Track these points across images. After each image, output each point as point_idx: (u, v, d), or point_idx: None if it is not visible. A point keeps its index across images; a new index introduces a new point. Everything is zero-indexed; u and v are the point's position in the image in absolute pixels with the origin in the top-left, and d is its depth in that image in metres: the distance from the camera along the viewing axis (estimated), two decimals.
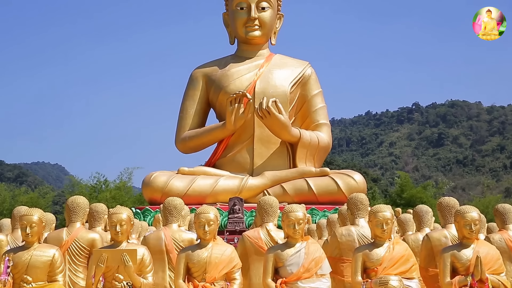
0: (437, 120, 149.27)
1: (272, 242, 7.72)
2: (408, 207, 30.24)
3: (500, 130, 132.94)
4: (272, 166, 18.58)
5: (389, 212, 7.07)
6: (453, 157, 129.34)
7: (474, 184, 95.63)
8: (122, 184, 38.85)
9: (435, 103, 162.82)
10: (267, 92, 18.54)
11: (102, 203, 10.35)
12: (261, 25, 19.25)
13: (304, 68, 19.78)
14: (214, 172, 18.53)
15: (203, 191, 17.62)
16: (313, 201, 17.47)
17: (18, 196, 40.14)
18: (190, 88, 19.84)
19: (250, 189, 17.91)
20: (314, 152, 18.93)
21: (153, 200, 17.74)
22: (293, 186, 17.93)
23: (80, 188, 37.98)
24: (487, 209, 34.04)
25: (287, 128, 18.09)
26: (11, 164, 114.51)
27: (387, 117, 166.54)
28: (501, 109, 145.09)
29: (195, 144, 19.49)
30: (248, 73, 19.19)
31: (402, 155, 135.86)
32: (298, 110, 19.68)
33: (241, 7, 19.22)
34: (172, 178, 17.78)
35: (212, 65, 19.94)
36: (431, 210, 9.46)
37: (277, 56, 20.18)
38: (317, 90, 19.76)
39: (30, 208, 7.35)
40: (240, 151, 18.96)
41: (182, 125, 19.64)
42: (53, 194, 47.82)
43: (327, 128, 19.70)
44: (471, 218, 6.95)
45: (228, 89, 18.70)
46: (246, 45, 19.83)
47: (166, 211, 8.27)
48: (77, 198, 8.52)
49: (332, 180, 17.83)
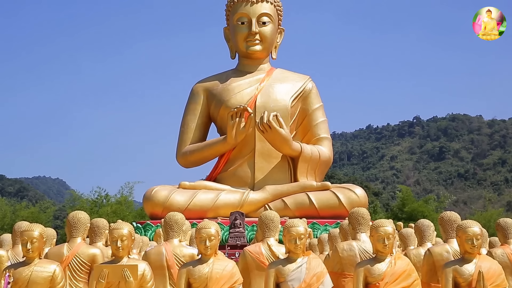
0: (438, 134, 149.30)
1: (273, 257, 7.69)
2: (409, 221, 30.17)
3: (501, 143, 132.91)
4: (273, 180, 18.56)
5: (390, 227, 7.04)
6: (455, 170, 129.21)
7: (475, 198, 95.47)
8: (123, 199, 38.82)
9: (436, 117, 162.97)
10: (268, 106, 18.57)
11: (103, 217, 10.35)
12: (262, 39, 19.33)
13: (305, 82, 19.83)
14: (215, 187, 18.51)
15: (204, 206, 17.59)
16: (315, 215, 17.44)
17: (19, 211, 40.07)
18: (191, 103, 19.88)
19: (251, 204, 17.88)
20: (315, 166, 18.92)
21: (154, 215, 17.70)
22: (294, 200, 17.89)
23: (81, 203, 37.95)
24: (489, 223, 33.96)
25: (288, 142, 18.10)
26: (12, 179, 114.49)
27: (388, 130, 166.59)
28: (502, 122, 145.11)
29: (196, 159, 19.48)
30: (249, 87, 19.23)
31: (403, 169, 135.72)
32: (299, 124, 19.70)
33: (242, 21, 19.32)
34: (173, 193, 17.75)
35: (213, 79, 19.99)
36: (432, 225, 9.44)
37: (278, 70, 20.23)
38: (318, 104, 19.79)
39: (31, 223, 7.34)
40: (241, 165, 18.95)
41: (183, 139, 19.65)
42: (54, 209, 47.78)
43: (328, 142, 19.70)
44: (473, 233, 6.93)
45: (229, 104, 18.73)
46: (247, 60, 19.89)
47: (167, 226, 8.25)
48: (78, 213, 8.50)
49: (333, 194, 17.80)
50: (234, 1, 19.65)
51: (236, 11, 19.43)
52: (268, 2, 19.47)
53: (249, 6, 19.30)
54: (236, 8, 19.52)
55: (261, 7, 19.32)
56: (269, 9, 19.43)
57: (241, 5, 19.42)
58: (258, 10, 19.25)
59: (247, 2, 19.35)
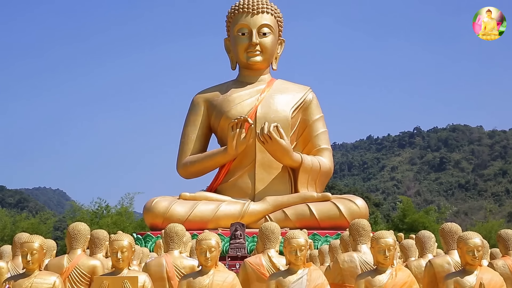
0: (439, 145, 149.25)
1: (274, 269, 7.66)
2: (410, 232, 30.08)
3: (502, 154, 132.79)
4: (273, 191, 18.55)
5: (391, 239, 7.03)
6: (455, 181, 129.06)
7: (476, 209, 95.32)
8: (123, 210, 38.78)
9: (436, 128, 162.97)
10: (268, 117, 18.60)
11: (104, 228, 10.34)
12: (262, 50, 19.38)
13: (306, 93, 19.86)
14: (215, 198, 18.50)
15: (205, 217, 17.58)
16: (315, 226, 17.42)
17: (19, 222, 40.00)
18: (191, 113, 19.91)
19: (252, 215, 17.86)
20: (316, 177, 18.91)
21: (154, 226, 17.68)
22: (294, 211, 17.88)
23: (82, 214, 37.93)
24: (490, 234, 33.88)
25: (288, 153, 18.10)
26: (12, 190, 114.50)
27: (388, 141, 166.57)
28: (503, 133, 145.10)
29: (197, 169, 19.48)
30: (250, 98, 19.26)
31: (404, 180, 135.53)
32: (300, 135, 19.71)
33: (242, 32, 19.39)
34: (174, 204, 17.74)
35: (213, 90, 20.03)
36: (433, 236, 9.41)
37: (279, 81, 20.27)
38: (318, 115, 19.81)
39: (31, 235, 7.32)
40: (242, 176, 18.95)
41: (183, 150, 19.66)
42: (54, 220, 47.67)
43: (328, 153, 19.70)
44: (474, 244, 6.91)
45: (229, 114, 18.75)
46: (248, 70, 19.94)
47: (168, 238, 8.23)
48: (78, 225, 8.48)
49: (334, 205, 17.79)
50: (234, 12, 19.74)
51: (237, 22, 19.51)
52: (268, 13, 19.56)
53: (249, 17, 19.39)
54: (236, 19, 19.59)
55: (262, 18, 19.40)
56: (269, 20, 19.51)
57: (242, 16, 19.50)
58: (258, 21, 19.32)
59: (248, 13, 19.43)
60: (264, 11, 19.48)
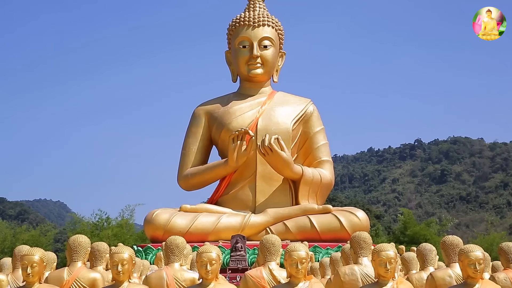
0: (440, 157, 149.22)
1: (274, 282, 7.64)
2: (411, 244, 30.01)
3: (503, 166, 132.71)
4: (274, 203, 18.53)
5: (392, 251, 7.01)
6: (456, 193, 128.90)
7: (478, 221, 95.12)
8: (124, 222, 38.72)
9: (437, 140, 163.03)
10: (269, 129, 18.62)
11: (104, 240, 10.31)
12: (263, 63, 19.45)
13: (306, 105, 19.90)
14: (216, 210, 18.47)
15: (205, 229, 17.55)
16: (316, 239, 17.38)
17: (19, 234, 39.94)
18: (192, 125, 19.94)
19: (253, 227, 17.83)
20: (317, 189, 18.89)
21: (155, 238, 17.65)
22: (295, 224, 17.85)
23: (82, 226, 37.88)
24: (491, 246, 33.73)
25: (289, 165, 18.10)
26: (13, 202, 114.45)
27: (389, 153, 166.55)
28: (504, 145, 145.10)
29: (198, 181, 19.47)
30: (251, 110, 19.30)
31: (405, 192, 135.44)
32: (301, 147, 19.72)
33: (243, 45, 19.47)
34: (174, 216, 17.72)
35: (214, 102, 20.07)
36: (435, 249, 9.39)
37: (279, 93, 20.31)
38: (319, 127, 19.83)
39: (31, 247, 7.30)
40: (243, 188, 18.94)
41: (184, 162, 19.66)
42: (54, 232, 47.57)
43: (329, 165, 19.70)
44: (475, 258, 6.89)
45: (230, 127, 18.78)
46: (249, 83, 19.99)
47: (168, 250, 8.21)
48: (79, 237, 8.46)
49: (335, 218, 17.76)
50: (235, 25, 19.84)
51: (238, 34, 19.60)
52: (269, 26, 19.66)
53: (250, 30, 19.48)
54: (237, 32, 19.69)
55: (263, 31, 19.49)
56: (270, 33, 19.60)
57: (243, 29, 19.60)
58: (259, 34, 19.41)
59: (249, 26, 19.53)
60: (265, 24, 19.58)
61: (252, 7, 20.30)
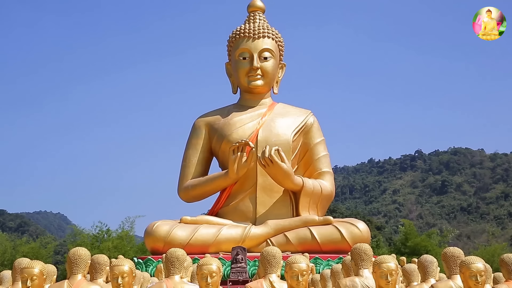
0: (440, 168, 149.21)
1: None
2: (413, 255, 29.95)
3: (504, 177, 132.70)
4: (275, 214, 18.49)
5: (393, 263, 6.99)
6: (457, 204, 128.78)
7: (479, 232, 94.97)
8: (124, 233, 38.69)
9: (437, 151, 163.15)
10: (269, 140, 18.61)
11: (104, 252, 10.29)
12: (263, 74, 19.49)
13: (307, 116, 19.90)
14: (217, 221, 18.42)
15: (206, 241, 17.49)
16: (317, 250, 17.32)
17: (19, 246, 39.90)
18: (193, 137, 19.94)
19: (253, 238, 17.78)
20: (317, 201, 18.86)
21: (155, 250, 17.60)
22: (296, 235, 17.80)
23: (82, 238, 37.86)
24: (492, 257, 33.67)
25: (290, 177, 18.08)
26: (13, 214, 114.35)
27: (390, 164, 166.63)
28: (504, 156, 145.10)
29: (198, 193, 19.44)
30: (251, 121, 19.31)
31: (405, 203, 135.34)
32: (301, 158, 19.71)
33: (243, 57, 19.52)
34: (175, 228, 17.67)
35: (215, 114, 20.08)
36: (436, 260, 9.36)
37: (280, 105, 20.34)
38: (319, 139, 19.83)
39: (31, 260, 7.29)
40: (243, 199, 18.90)
41: (185, 174, 19.64)
42: (54, 244, 47.56)
43: (330, 176, 19.68)
44: (477, 269, 6.87)
45: (231, 138, 18.78)
46: (249, 94, 20.02)
47: (168, 263, 8.18)
48: (79, 250, 8.44)
49: (335, 229, 17.71)
50: (236, 36, 19.90)
51: (238, 46, 19.65)
52: (269, 37, 19.71)
53: (250, 42, 19.54)
54: (238, 43, 19.74)
55: (263, 43, 19.54)
56: (270, 44, 19.65)
57: (243, 40, 19.65)
58: (259, 46, 19.47)
59: (249, 37, 19.59)
60: (265, 35, 19.65)
61: (252, 19, 20.38)
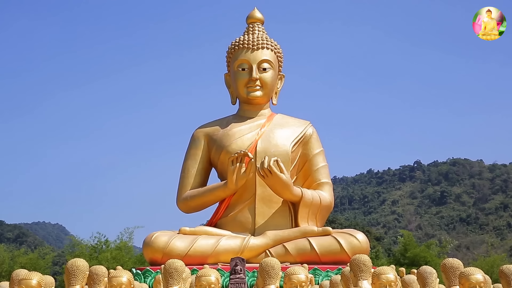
0: (439, 178, 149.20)
1: None
2: (412, 266, 29.92)
3: (503, 188, 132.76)
4: (274, 225, 18.46)
5: (392, 274, 6.99)
6: (456, 215, 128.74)
7: (478, 243, 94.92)
8: (122, 244, 38.59)
9: (436, 161, 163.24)
10: (268, 151, 18.62)
11: (103, 263, 10.27)
12: (262, 85, 19.52)
13: (306, 127, 19.92)
14: (215, 232, 18.39)
15: (205, 252, 17.45)
16: (316, 261, 17.28)
17: (17, 257, 39.78)
18: (191, 148, 19.94)
19: (252, 249, 17.74)
20: (316, 211, 18.85)
21: (153, 261, 17.54)
22: (295, 246, 17.76)
23: (81, 249, 37.73)
24: (492, 268, 33.63)
25: (289, 187, 18.07)
26: (11, 224, 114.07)
27: (389, 175, 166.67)
28: (503, 167, 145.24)
29: (197, 204, 19.42)
30: (250, 132, 19.32)
31: (405, 214, 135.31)
32: (300, 169, 19.71)
33: (242, 68, 19.57)
34: (173, 238, 17.63)
35: (213, 124, 20.10)
36: (435, 271, 9.35)
37: (279, 115, 20.36)
38: (318, 149, 19.84)
39: (29, 271, 7.28)
40: (242, 210, 18.88)
41: (183, 185, 19.63)
42: (53, 255, 47.40)
43: (329, 187, 19.66)
44: (476, 281, 6.87)
45: (229, 149, 18.79)
46: (248, 105, 20.04)
47: (167, 274, 8.17)
48: (77, 261, 8.42)
49: (334, 240, 17.67)
50: (235, 48, 19.96)
51: (237, 57, 19.71)
52: (268, 49, 19.78)
53: (249, 53, 19.59)
54: (237, 54, 19.80)
55: (262, 54, 19.60)
56: (269, 55, 19.70)
57: (242, 51, 19.71)
58: (258, 57, 19.52)
59: (248, 48, 19.65)
60: (264, 46, 19.71)
61: (251, 30, 20.45)
